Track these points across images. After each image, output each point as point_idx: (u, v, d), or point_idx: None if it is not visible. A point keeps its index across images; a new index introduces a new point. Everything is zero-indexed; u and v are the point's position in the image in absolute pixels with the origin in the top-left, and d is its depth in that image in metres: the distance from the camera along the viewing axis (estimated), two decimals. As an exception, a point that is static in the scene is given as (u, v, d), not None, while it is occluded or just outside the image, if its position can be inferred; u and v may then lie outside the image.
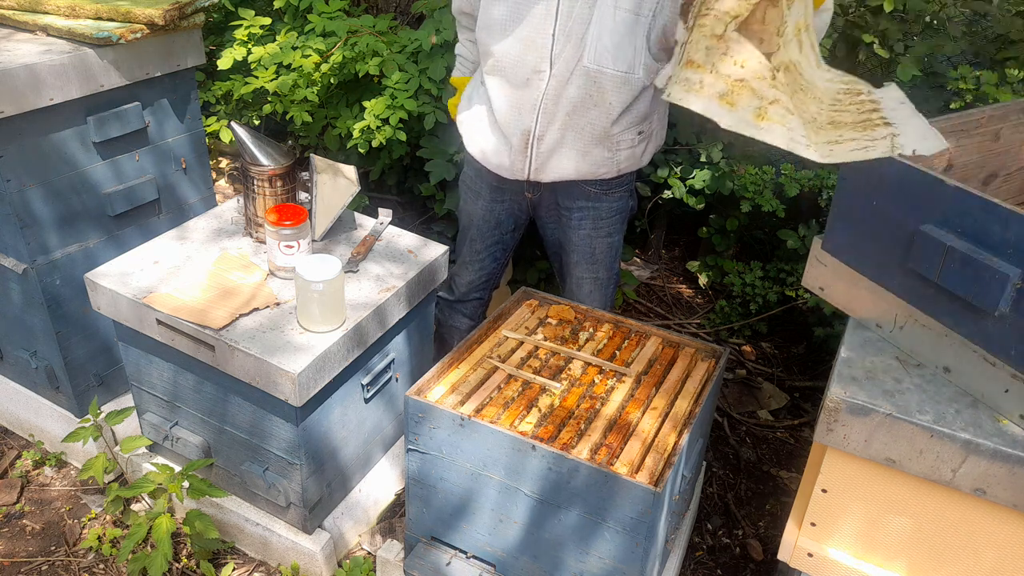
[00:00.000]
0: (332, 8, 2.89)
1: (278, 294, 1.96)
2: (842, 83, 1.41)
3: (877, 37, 2.64)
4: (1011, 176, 1.80)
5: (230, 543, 2.20)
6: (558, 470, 1.61)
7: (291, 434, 1.89)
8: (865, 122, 1.39)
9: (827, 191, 2.99)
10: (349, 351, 1.89)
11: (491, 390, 1.79)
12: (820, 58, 1.42)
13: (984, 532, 1.40)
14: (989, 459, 1.31)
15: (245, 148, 2.06)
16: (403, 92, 2.70)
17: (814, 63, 1.40)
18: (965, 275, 1.32)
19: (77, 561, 2.18)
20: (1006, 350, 1.32)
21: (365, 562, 2.15)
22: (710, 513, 2.48)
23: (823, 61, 1.42)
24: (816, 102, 1.37)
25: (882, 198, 1.45)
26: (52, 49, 2.01)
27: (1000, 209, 1.27)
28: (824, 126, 1.36)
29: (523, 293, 2.16)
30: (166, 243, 2.13)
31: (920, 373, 1.46)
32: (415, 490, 1.85)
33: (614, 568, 1.66)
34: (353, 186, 2.13)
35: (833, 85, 1.40)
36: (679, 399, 1.82)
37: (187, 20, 2.20)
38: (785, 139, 1.36)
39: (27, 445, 2.52)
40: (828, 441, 1.44)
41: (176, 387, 2.05)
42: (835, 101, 1.39)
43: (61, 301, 2.18)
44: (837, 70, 1.44)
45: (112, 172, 2.21)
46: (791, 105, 1.34)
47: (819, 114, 1.37)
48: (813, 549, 1.57)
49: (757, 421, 2.87)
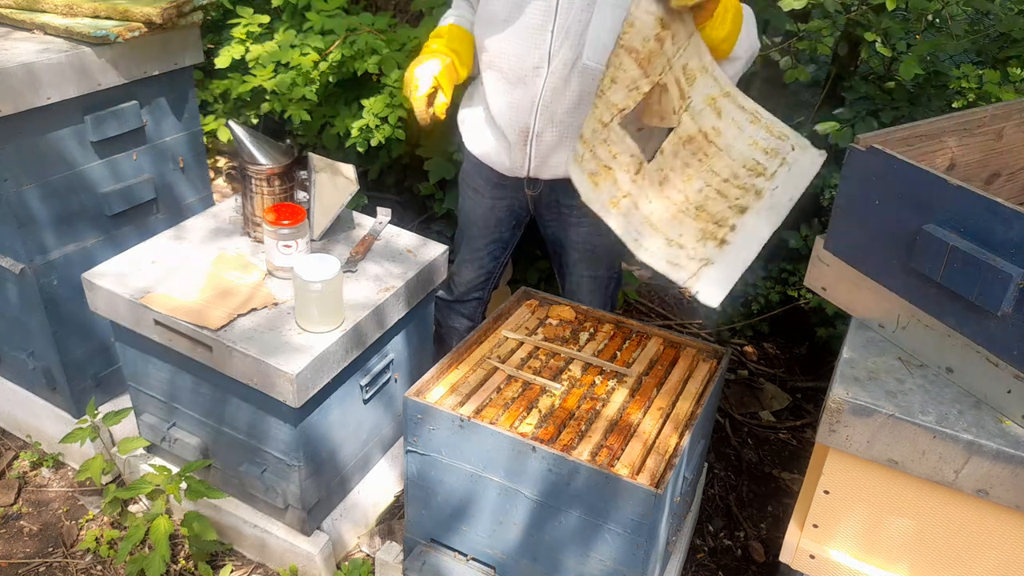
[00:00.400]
0: (331, 6, 2.88)
1: (276, 294, 1.95)
2: (766, 147, 1.52)
3: (879, 35, 2.62)
4: (1014, 175, 1.79)
5: (228, 545, 2.19)
6: (558, 471, 1.60)
7: (289, 435, 1.88)
8: (712, 229, 1.58)
9: (829, 190, 2.98)
10: (348, 352, 1.88)
11: (491, 391, 1.78)
12: (757, 113, 1.52)
13: (987, 533, 1.39)
14: (992, 460, 1.30)
15: (243, 147, 2.05)
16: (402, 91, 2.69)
17: (746, 121, 1.51)
18: (968, 275, 1.31)
19: (75, 563, 2.17)
20: (1009, 350, 1.32)
21: (364, 564, 2.14)
22: (712, 515, 2.48)
23: (763, 114, 1.51)
24: (698, 179, 1.54)
25: (884, 198, 1.44)
26: (50, 48, 2.00)
27: (1003, 209, 1.27)
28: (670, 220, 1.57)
29: (523, 293, 2.15)
30: (164, 243, 2.12)
31: (923, 374, 1.46)
32: (414, 492, 1.84)
33: (615, 570, 1.65)
34: (352, 185, 2.12)
35: (756, 149, 1.51)
36: (680, 400, 1.81)
37: (185, 18, 2.19)
38: (622, 229, 1.59)
39: (24, 446, 2.51)
40: (830, 442, 1.43)
41: (174, 388, 2.04)
42: (728, 179, 1.54)
43: (58, 301, 2.17)
44: (777, 126, 1.53)
45: (109, 171, 2.20)
46: (640, 202, 1.56)
47: (683, 203, 1.56)
48: (815, 551, 1.57)
49: (759, 422, 2.86)
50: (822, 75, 3.54)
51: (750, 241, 1.62)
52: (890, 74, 2.94)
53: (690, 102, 1.54)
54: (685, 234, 1.61)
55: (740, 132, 1.56)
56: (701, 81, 1.54)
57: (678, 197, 1.60)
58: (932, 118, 1.62)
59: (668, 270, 1.66)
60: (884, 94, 2.82)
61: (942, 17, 2.74)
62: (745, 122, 1.56)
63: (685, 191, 1.59)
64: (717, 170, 1.58)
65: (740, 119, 1.56)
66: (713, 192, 1.59)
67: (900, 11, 2.79)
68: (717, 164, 1.58)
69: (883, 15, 2.62)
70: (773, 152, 1.58)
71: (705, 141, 1.57)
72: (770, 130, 1.57)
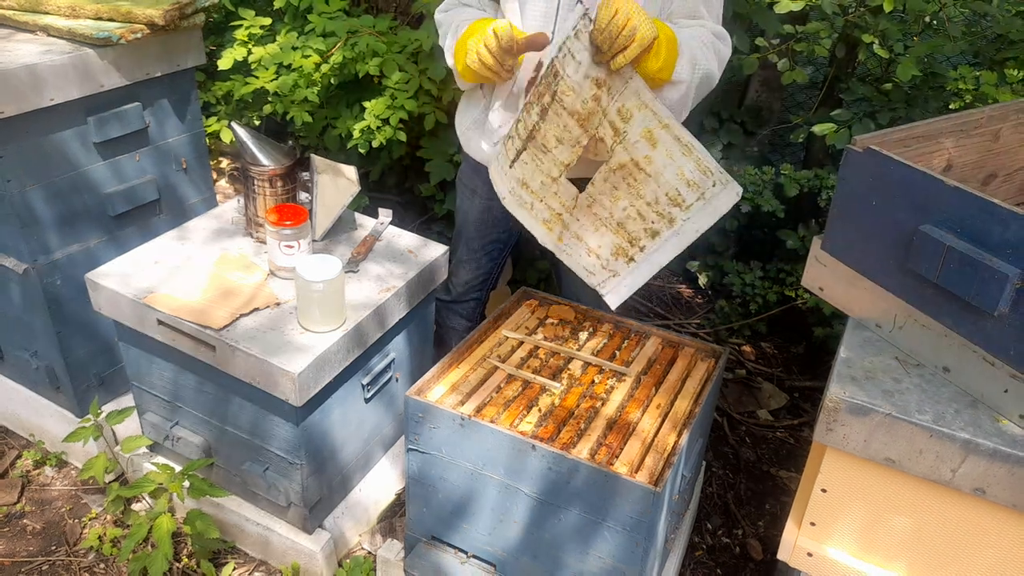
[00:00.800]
0: (332, 8, 2.89)
1: (278, 294, 1.96)
2: (690, 179, 1.66)
3: (877, 37, 2.64)
4: (1011, 176, 1.81)
5: (230, 543, 2.20)
6: (558, 470, 1.61)
7: (291, 434, 1.89)
8: (625, 247, 1.77)
9: (827, 191, 3.00)
10: (349, 351, 1.90)
11: (491, 390, 1.79)
12: (691, 146, 1.64)
13: (983, 532, 1.40)
14: (988, 459, 1.31)
15: (245, 148, 2.06)
16: (403, 92, 2.70)
17: (678, 152, 1.64)
18: (964, 275, 1.32)
19: (78, 561, 2.18)
20: (1005, 350, 1.33)
21: (365, 562, 2.15)
22: (710, 513, 2.49)
23: (696, 147, 1.64)
24: (625, 199, 1.71)
25: (882, 198, 1.45)
26: (52, 49, 2.01)
27: (999, 209, 1.28)
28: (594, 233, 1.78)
29: (523, 293, 2.16)
30: (167, 243, 2.13)
31: (919, 373, 1.47)
32: (415, 490, 1.85)
33: (614, 568, 1.66)
34: (353, 186, 2.13)
35: (680, 180, 1.66)
36: (679, 399, 1.83)
37: (187, 20, 2.20)
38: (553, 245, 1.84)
39: (28, 445, 2.52)
40: (828, 441, 1.44)
41: (176, 387, 2.05)
42: (650, 203, 1.70)
43: (62, 301, 2.18)
44: (706, 161, 1.65)
45: (112, 172, 2.21)
46: (571, 223, 1.80)
47: (607, 219, 1.75)
48: (813, 549, 1.58)
49: (757, 421, 2.87)
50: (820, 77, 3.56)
51: (652, 264, 1.77)
52: (887, 76, 2.95)
53: (625, 136, 1.65)
54: (604, 247, 1.79)
55: (671, 161, 1.66)
56: (639, 116, 1.64)
57: (604, 214, 1.75)
58: (929, 119, 1.63)
59: (584, 275, 1.85)
60: (881, 95, 2.84)
61: (939, 19, 2.76)
62: (677, 152, 1.65)
63: (611, 209, 1.74)
64: (643, 194, 1.70)
65: (673, 149, 1.65)
66: (635, 212, 1.72)
67: (898, 13, 2.80)
68: (643, 188, 1.69)
69: (881, 17, 2.63)
70: (695, 185, 1.67)
71: (636, 168, 1.68)
72: (698, 163, 1.66)
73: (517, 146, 1.76)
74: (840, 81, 3.03)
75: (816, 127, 2.68)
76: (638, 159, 1.67)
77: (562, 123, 1.68)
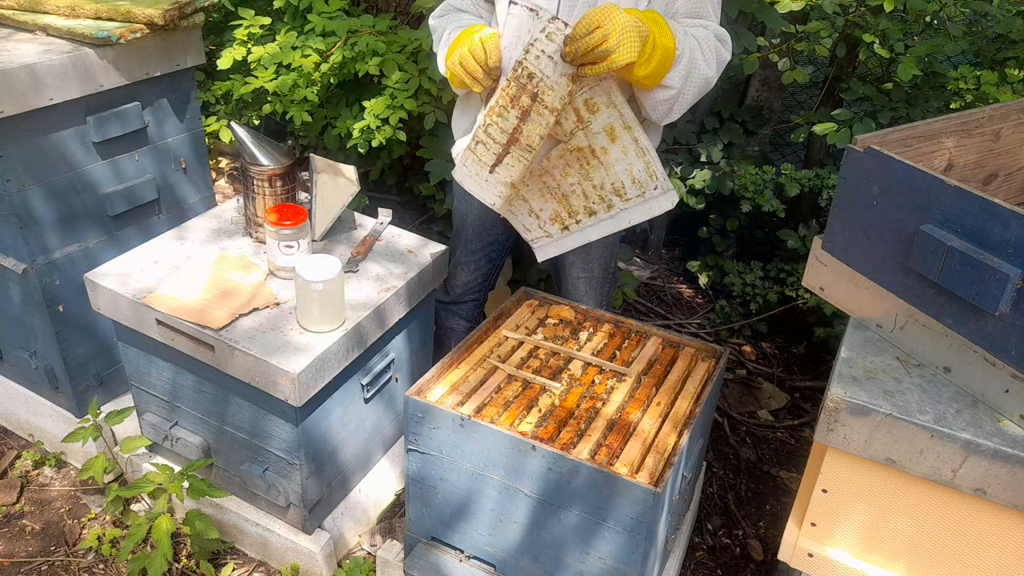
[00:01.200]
0: (332, 8, 2.88)
1: (278, 294, 1.96)
2: (636, 177, 1.86)
3: (877, 37, 2.64)
4: (1011, 176, 1.80)
5: (230, 543, 2.20)
6: (558, 470, 1.60)
7: (291, 434, 1.89)
8: (564, 216, 1.95)
9: (827, 191, 3.00)
10: (349, 351, 1.89)
11: (491, 390, 1.78)
12: (646, 150, 1.83)
13: (984, 532, 1.40)
14: (989, 459, 1.31)
15: (245, 148, 2.06)
16: (403, 92, 2.70)
17: (633, 153, 1.83)
18: (965, 275, 1.32)
19: (77, 561, 2.18)
20: (1006, 350, 1.32)
21: (365, 562, 2.15)
22: (710, 513, 2.48)
23: (651, 153, 1.84)
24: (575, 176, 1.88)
25: (882, 198, 1.45)
26: (52, 49, 2.01)
27: (1000, 209, 1.27)
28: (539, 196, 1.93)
29: (523, 293, 2.16)
30: (166, 243, 2.13)
31: (920, 373, 1.46)
32: (415, 490, 1.85)
33: (614, 568, 1.65)
34: (353, 186, 2.13)
35: (628, 176, 1.86)
36: (679, 399, 1.82)
37: (187, 20, 2.20)
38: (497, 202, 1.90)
39: (27, 445, 2.52)
40: (828, 441, 1.44)
41: (176, 387, 2.05)
42: (596, 187, 1.89)
43: (61, 301, 2.18)
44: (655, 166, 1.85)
45: (112, 172, 2.21)
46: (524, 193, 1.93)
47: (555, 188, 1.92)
48: (813, 549, 1.57)
49: (757, 421, 2.87)
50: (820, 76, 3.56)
51: (582, 236, 1.97)
52: (888, 75, 2.95)
53: (588, 125, 1.80)
54: (545, 211, 1.96)
55: (624, 157, 1.84)
56: (604, 112, 1.78)
57: (552, 184, 1.91)
58: (930, 119, 1.62)
59: (521, 230, 2.01)
60: (882, 95, 2.84)
61: (940, 18, 2.76)
62: (632, 152, 1.83)
63: (560, 181, 1.90)
64: (591, 177, 1.88)
65: (629, 148, 1.82)
66: (580, 190, 1.90)
67: (898, 12, 2.80)
68: (593, 173, 1.87)
69: (881, 16, 2.63)
70: (639, 184, 1.87)
71: (591, 154, 1.84)
72: (648, 167, 1.85)
73: (496, 151, 1.82)
74: (841, 81, 3.03)
75: (817, 127, 2.68)
76: (595, 148, 1.83)
77: (545, 121, 1.75)
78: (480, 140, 1.83)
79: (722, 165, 3.20)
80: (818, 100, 3.20)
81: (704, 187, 3.19)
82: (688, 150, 3.35)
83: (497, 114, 1.78)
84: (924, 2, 2.58)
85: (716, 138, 3.35)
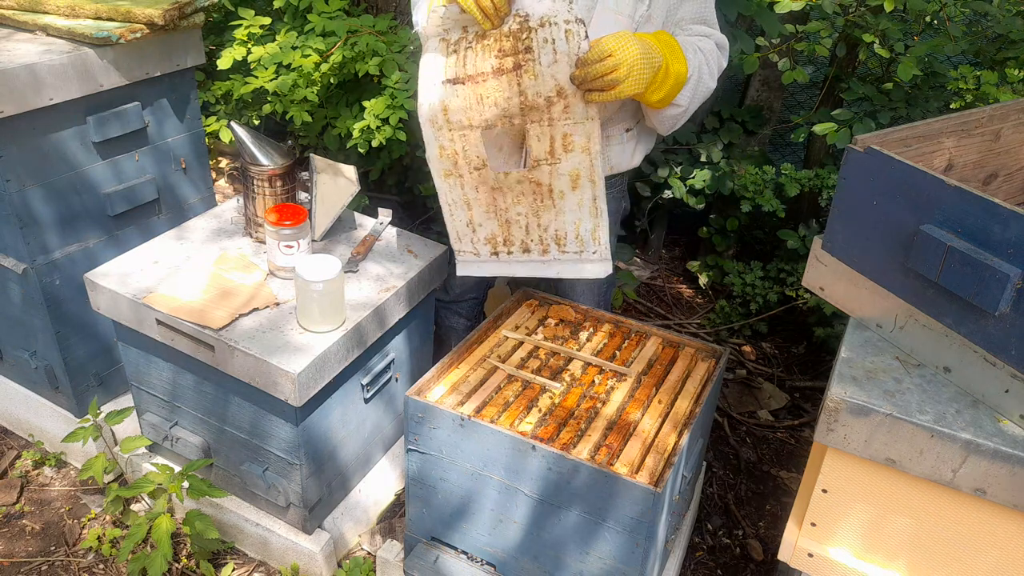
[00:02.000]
0: (332, 8, 2.88)
1: (278, 294, 1.96)
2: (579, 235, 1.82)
3: (877, 37, 2.63)
4: (1011, 176, 1.80)
5: (230, 543, 2.20)
6: (558, 470, 1.60)
7: (291, 434, 1.89)
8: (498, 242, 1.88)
9: (827, 191, 3.00)
10: (349, 351, 1.89)
11: (491, 390, 1.79)
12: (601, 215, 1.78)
13: (984, 532, 1.40)
14: (989, 459, 1.31)
15: (245, 148, 2.06)
16: (403, 92, 2.70)
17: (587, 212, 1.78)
18: (965, 275, 1.32)
19: (77, 561, 2.18)
20: (1006, 350, 1.32)
21: (365, 562, 2.15)
22: (710, 513, 2.48)
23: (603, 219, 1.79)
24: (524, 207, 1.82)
25: (882, 198, 1.45)
26: (52, 49, 2.01)
27: (1000, 209, 1.27)
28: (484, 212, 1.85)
29: (523, 293, 2.16)
30: (166, 243, 2.13)
31: (920, 373, 1.46)
32: (415, 490, 1.85)
33: (614, 568, 1.65)
34: (353, 186, 2.13)
35: (573, 230, 1.81)
36: (679, 399, 1.82)
37: (187, 20, 2.20)
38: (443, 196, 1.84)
39: (27, 445, 2.52)
40: (828, 441, 1.44)
41: (176, 387, 2.05)
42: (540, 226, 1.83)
43: (61, 301, 2.18)
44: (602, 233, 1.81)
45: (112, 172, 2.21)
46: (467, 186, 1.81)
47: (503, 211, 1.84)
48: (813, 549, 1.57)
49: (757, 421, 2.87)
50: (820, 76, 3.55)
51: (506, 268, 1.92)
52: (888, 75, 2.95)
53: (557, 163, 1.73)
54: (483, 227, 1.87)
55: (577, 210, 1.79)
56: (577, 157, 1.71)
57: (502, 205, 1.83)
58: (930, 119, 1.62)
59: (452, 236, 1.92)
60: (882, 95, 2.84)
61: (940, 18, 2.75)
62: (587, 209, 1.78)
63: (509, 205, 1.82)
64: (540, 215, 1.82)
65: (586, 204, 1.77)
66: (524, 223, 1.84)
67: (898, 12, 2.80)
68: (544, 212, 1.81)
69: (881, 16, 2.63)
70: (581, 242, 1.83)
71: (548, 194, 1.78)
72: (595, 230, 1.81)
73: (459, 73, 1.69)
74: (841, 81, 3.03)
75: (817, 127, 2.68)
76: (555, 189, 1.77)
77: (508, 94, 1.67)
78: (453, 49, 1.70)
79: (722, 165, 3.20)
80: (818, 100, 3.20)
81: (704, 187, 3.19)
82: (688, 150, 3.35)
83: (483, 50, 1.67)
84: (924, 2, 2.58)
85: (716, 138, 3.35)
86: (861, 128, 2.64)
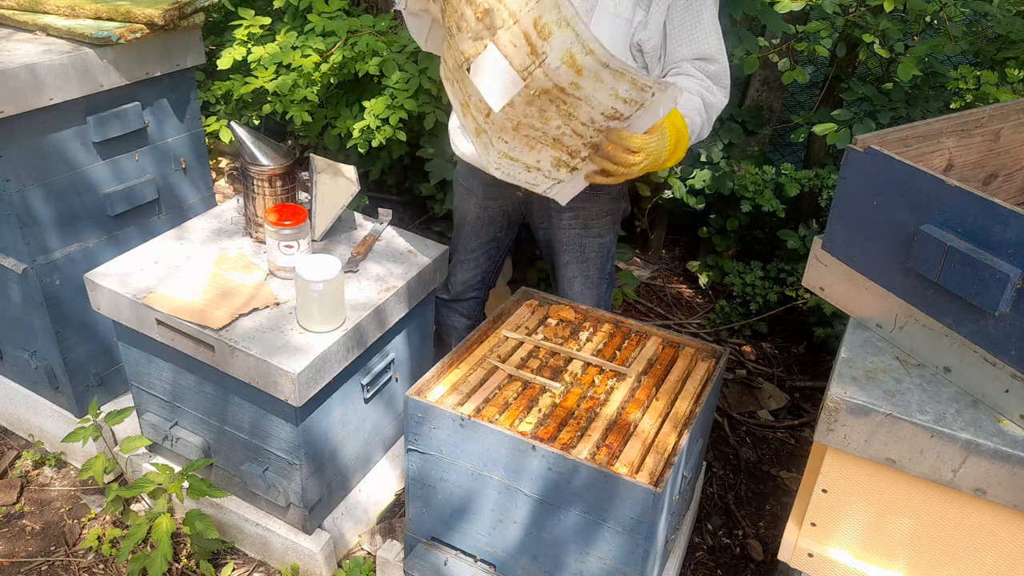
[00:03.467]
0: (332, 8, 2.89)
1: (278, 294, 1.96)
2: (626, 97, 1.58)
3: (877, 37, 2.64)
4: (1011, 176, 1.80)
5: (230, 543, 2.20)
6: (558, 470, 1.60)
7: (291, 434, 1.89)
8: (566, 159, 1.74)
9: (827, 191, 3.00)
10: (349, 351, 1.89)
11: (491, 390, 1.78)
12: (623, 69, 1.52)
13: (984, 532, 1.40)
14: (989, 459, 1.31)
15: (245, 148, 2.06)
16: (403, 92, 2.70)
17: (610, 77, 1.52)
18: (965, 275, 1.32)
19: (77, 561, 2.18)
20: (1006, 350, 1.32)
21: (365, 562, 2.15)
22: (710, 513, 2.48)
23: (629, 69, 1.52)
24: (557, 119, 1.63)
25: (882, 198, 1.45)
26: (52, 49, 2.01)
27: (1000, 209, 1.27)
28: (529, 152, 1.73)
29: (523, 293, 2.16)
30: (166, 243, 2.13)
31: (920, 373, 1.46)
32: (415, 490, 1.85)
33: (614, 568, 1.65)
34: (353, 186, 2.13)
35: (616, 99, 1.58)
36: (679, 399, 1.82)
37: (187, 20, 2.20)
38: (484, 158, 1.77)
39: (27, 445, 2.52)
40: (828, 441, 1.44)
41: (176, 387, 2.05)
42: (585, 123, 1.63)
43: (61, 301, 2.18)
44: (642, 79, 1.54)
45: (112, 172, 2.21)
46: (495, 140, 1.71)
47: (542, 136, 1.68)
48: (813, 549, 1.57)
49: (757, 421, 2.87)
50: (820, 76, 3.55)
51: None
52: (888, 75, 2.95)
53: (544, 58, 1.50)
54: (543, 160, 1.75)
55: (602, 85, 1.55)
56: (559, 36, 1.47)
57: (536, 133, 1.67)
58: (930, 119, 1.62)
59: (527, 186, 1.83)
60: (882, 95, 2.84)
61: (940, 18, 2.76)
62: (608, 77, 1.53)
63: (543, 128, 1.66)
64: (576, 115, 1.62)
65: (603, 74, 1.53)
66: (570, 131, 1.66)
67: (898, 12, 2.80)
68: (576, 111, 1.61)
69: (881, 16, 2.63)
70: (633, 102, 1.59)
71: (563, 93, 1.57)
72: (634, 83, 1.55)
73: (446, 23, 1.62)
74: (841, 81, 3.03)
75: (817, 127, 2.68)
76: (563, 85, 1.55)
77: (460, 11, 1.54)
78: None
79: (722, 165, 3.20)
80: (818, 100, 3.20)
81: (704, 187, 3.18)
82: (688, 150, 3.35)
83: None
84: (924, 2, 2.58)
85: (716, 138, 3.35)
86: (861, 128, 2.64)
